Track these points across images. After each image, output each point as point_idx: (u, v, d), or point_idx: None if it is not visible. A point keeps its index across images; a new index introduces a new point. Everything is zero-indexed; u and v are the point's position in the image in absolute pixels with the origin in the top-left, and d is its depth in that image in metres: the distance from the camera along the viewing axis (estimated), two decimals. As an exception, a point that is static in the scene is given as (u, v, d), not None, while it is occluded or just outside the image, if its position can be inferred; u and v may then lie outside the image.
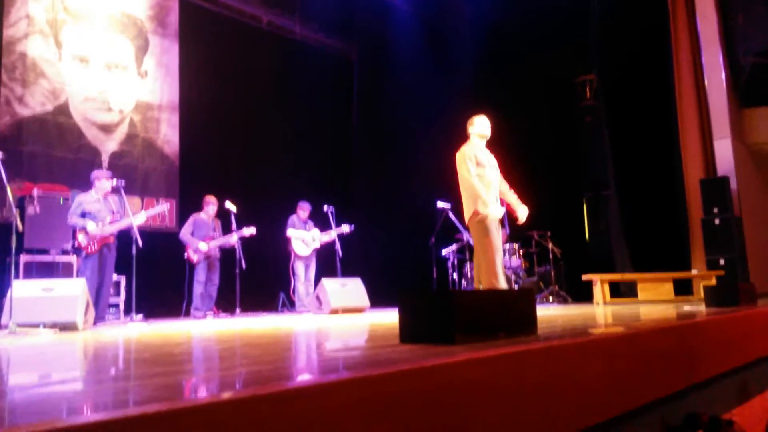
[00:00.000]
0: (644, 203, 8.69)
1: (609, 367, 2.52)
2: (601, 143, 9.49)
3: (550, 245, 8.93)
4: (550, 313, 5.73)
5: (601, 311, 5.82)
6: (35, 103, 7.29)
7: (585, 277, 8.20)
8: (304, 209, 8.31)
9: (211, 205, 7.59)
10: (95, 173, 6.38)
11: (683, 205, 8.45)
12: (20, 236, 5.53)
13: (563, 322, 4.20)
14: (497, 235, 4.91)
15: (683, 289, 7.96)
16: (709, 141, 8.41)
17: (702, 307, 5.16)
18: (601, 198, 10.27)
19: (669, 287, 7.83)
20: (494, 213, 4.93)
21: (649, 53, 8.90)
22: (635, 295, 8.01)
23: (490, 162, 5.12)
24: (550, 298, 8.68)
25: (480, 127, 5.12)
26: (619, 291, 8.58)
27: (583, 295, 8.64)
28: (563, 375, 2.27)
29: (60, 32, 7.63)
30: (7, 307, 4.83)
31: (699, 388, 2.95)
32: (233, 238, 7.48)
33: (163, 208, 7.14)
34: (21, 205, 6.33)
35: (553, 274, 8.94)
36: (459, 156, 5.06)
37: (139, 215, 6.35)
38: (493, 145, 5.34)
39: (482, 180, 4.96)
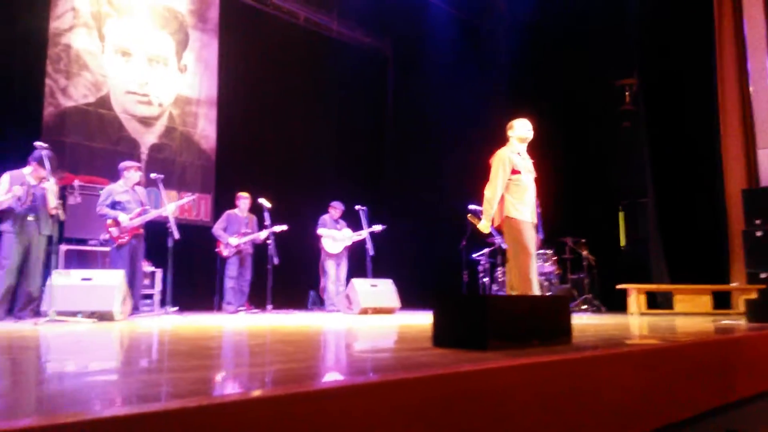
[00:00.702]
0: (683, 212, 8.48)
1: (644, 380, 2.47)
2: (640, 149, 9.30)
3: (585, 252, 8.78)
4: (583, 321, 5.64)
5: (636, 322, 5.71)
6: (78, 94, 7.46)
7: (620, 286, 8.05)
8: (336, 209, 8.34)
9: (243, 200, 7.67)
10: (124, 164, 6.44)
11: (723, 216, 8.22)
12: (61, 226, 5.67)
13: (596, 332, 4.13)
14: (531, 240, 4.83)
15: (722, 302, 7.76)
16: (752, 150, 8.17)
17: (742, 322, 5.03)
18: (638, 205, 10.06)
19: (707, 300, 7.64)
20: (527, 217, 4.85)
21: (691, 58, 8.68)
22: (671, 306, 7.83)
23: (527, 167, 5.04)
24: (583, 307, 8.54)
25: (519, 130, 5.00)
26: (655, 302, 8.39)
27: (617, 304, 8.48)
28: (597, 387, 2.23)
29: (103, 25, 7.79)
30: (48, 295, 4.96)
31: (738, 406, 2.87)
32: (263, 235, 7.54)
33: (190, 199, 7.27)
34: (62, 195, 6.48)
35: (586, 282, 8.78)
36: (495, 158, 4.97)
37: (169, 206, 6.41)
38: (528, 148, 5.27)
39: (517, 185, 4.87)
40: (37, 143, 5.29)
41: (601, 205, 10.35)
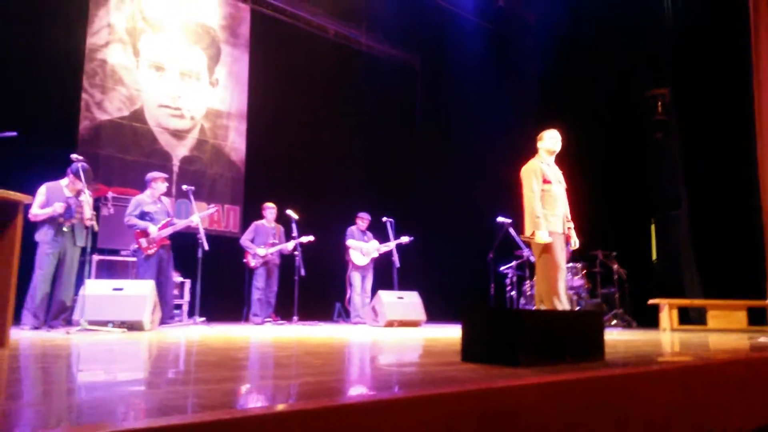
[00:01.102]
0: (717, 225, 8.29)
1: (677, 399, 2.41)
2: (672, 160, 9.14)
3: (615, 266, 8.62)
4: (613, 337, 5.54)
5: (668, 338, 5.59)
6: (113, 108, 7.62)
7: (651, 301, 7.90)
8: (363, 219, 8.35)
9: (269, 210, 7.72)
10: (151, 174, 6.52)
11: (760, 228, 8.01)
12: (94, 236, 5.78)
13: (627, 348, 4.05)
14: (561, 252, 4.72)
15: (757, 318, 7.55)
16: (790, 161, 7.97)
17: (780, 339, 4.88)
18: (671, 218, 9.87)
19: (742, 316, 7.45)
20: (558, 228, 4.75)
21: (726, 66, 8.51)
22: (705, 322, 7.65)
23: (558, 178, 4.97)
24: (614, 322, 8.38)
25: (549, 141, 4.92)
26: (688, 317, 8.21)
27: (649, 320, 8.31)
28: (630, 404, 2.19)
29: (138, 41, 7.97)
30: (80, 304, 5.05)
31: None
32: (290, 245, 7.56)
33: (212, 210, 7.41)
34: (96, 206, 6.60)
35: (617, 296, 8.62)
36: (524, 170, 4.91)
37: (193, 216, 6.47)
38: (558, 159, 5.21)
39: (548, 195, 4.79)
40: (74, 156, 5.41)
41: (632, 217, 10.18)
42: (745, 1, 8.32)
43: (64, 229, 5.42)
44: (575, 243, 5.00)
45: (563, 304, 4.59)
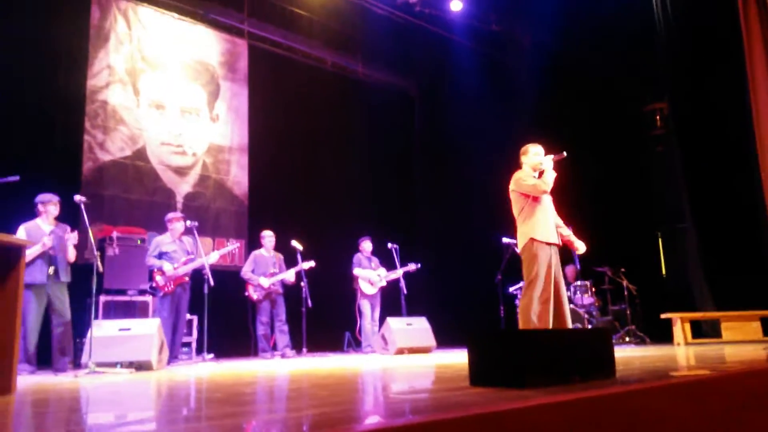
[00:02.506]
0: (724, 235, 8.23)
1: (694, 413, 2.37)
2: (674, 173, 9.13)
3: (625, 282, 8.55)
4: (627, 354, 5.47)
5: (683, 352, 5.52)
6: (115, 148, 7.70)
7: (664, 315, 7.82)
8: (367, 243, 8.30)
9: (267, 238, 7.66)
10: (169, 216, 6.64)
11: (767, 237, 7.97)
12: (100, 277, 5.78)
13: (642, 364, 4.00)
14: (548, 268, 4.44)
15: (773, 328, 7.46)
16: (792, 169, 7.95)
17: (795, 348, 4.81)
18: (677, 231, 9.83)
19: (756, 326, 7.37)
20: (550, 239, 4.53)
21: (722, 78, 8.55)
22: (719, 335, 7.56)
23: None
24: (627, 339, 8.28)
25: (535, 158, 4.77)
26: (701, 330, 8.11)
27: (662, 335, 8.21)
28: (644, 422, 2.15)
29: (138, 80, 8.07)
30: (87, 346, 5.03)
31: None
32: (290, 273, 7.48)
33: (234, 247, 7.35)
34: (101, 247, 6.63)
35: (628, 312, 8.53)
36: (515, 179, 4.73)
37: (212, 255, 6.56)
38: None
39: (538, 207, 4.60)
40: (77, 197, 5.42)
41: (639, 232, 10.15)
42: (738, 13, 8.40)
43: (50, 272, 5.37)
44: (581, 247, 4.86)
45: (537, 321, 4.28)
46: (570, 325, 4.51)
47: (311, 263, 7.58)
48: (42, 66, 7.14)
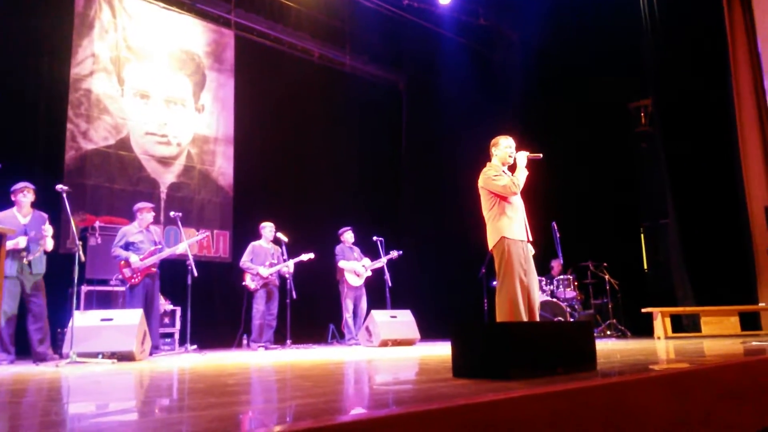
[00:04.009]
0: (705, 232, 8.35)
1: (674, 404, 2.40)
2: (658, 170, 9.22)
3: (607, 277, 8.65)
4: (608, 347, 5.53)
5: (663, 346, 5.59)
6: (98, 137, 7.61)
7: (645, 310, 7.91)
8: (348, 234, 8.28)
9: (267, 229, 7.65)
10: (139, 205, 6.49)
11: (748, 234, 8.08)
12: (82, 267, 5.71)
13: (623, 358, 4.04)
14: (521, 264, 4.39)
15: (750, 323, 7.59)
16: (773, 167, 8.07)
17: (773, 343, 4.89)
18: (660, 227, 9.95)
19: (735, 321, 7.48)
20: (520, 236, 4.47)
21: (706, 77, 8.65)
22: (698, 329, 7.68)
23: None
24: (608, 332, 8.38)
25: (506, 150, 4.64)
26: (681, 325, 8.23)
27: (643, 329, 8.32)
28: (625, 413, 2.18)
29: (122, 70, 7.98)
30: (69, 336, 4.98)
31: (774, 431, 2.76)
32: (291, 264, 7.48)
33: (203, 236, 7.32)
34: (83, 236, 6.56)
35: (610, 306, 8.63)
36: (485, 175, 4.62)
37: (179, 245, 6.45)
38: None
39: (509, 204, 4.51)
40: (59, 186, 5.34)
41: (622, 227, 10.25)
42: (722, 13, 8.49)
43: (25, 261, 5.29)
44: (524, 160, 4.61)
45: (521, 312, 4.27)
46: (537, 319, 4.50)
47: (311, 255, 7.59)
48: (25, 53, 7.04)
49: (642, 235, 10.53)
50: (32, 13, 7.13)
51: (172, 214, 6.51)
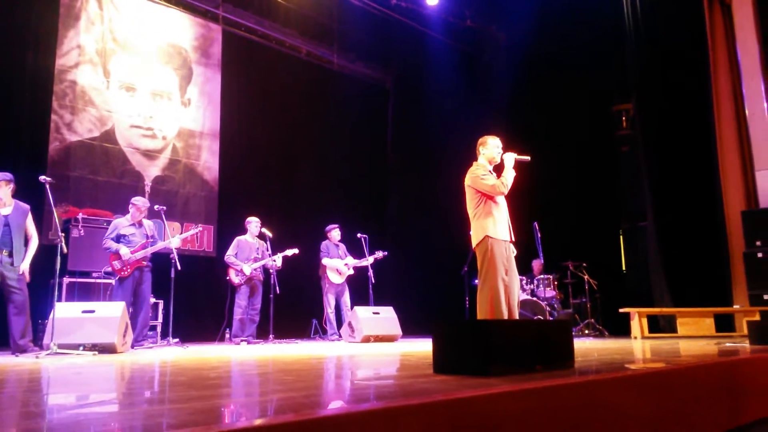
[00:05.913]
0: (683, 235, 8.48)
1: (648, 403, 2.46)
2: (639, 173, 9.35)
3: (586, 277, 8.77)
4: (586, 346, 5.61)
5: (639, 346, 5.68)
6: (83, 129, 7.55)
7: (622, 310, 8.02)
8: (335, 231, 8.29)
9: (252, 224, 7.64)
10: (134, 199, 6.49)
11: (724, 238, 8.22)
12: (64, 258, 5.67)
13: (600, 356, 4.11)
14: (503, 264, 4.44)
15: (725, 325, 7.72)
16: (750, 172, 8.20)
17: (745, 344, 4.99)
18: (639, 229, 10.08)
19: (710, 322, 7.61)
20: (503, 236, 4.51)
21: (687, 82, 8.77)
22: (674, 329, 7.80)
23: None
24: (586, 331, 8.50)
25: (493, 150, 4.69)
26: (658, 325, 8.36)
27: (620, 328, 8.44)
28: (602, 411, 2.23)
29: (108, 62, 7.92)
30: (50, 328, 4.96)
31: (745, 430, 2.84)
32: (278, 259, 7.47)
33: (197, 230, 7.26)
34: (66, 228, 6.51)
35: (588, 306, 8.76)
36: (471, 174, 4.66)
37: (173, 239, 6.46)
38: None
39: (493, 204, 4.55)
40: (42, 177, 5.31)
41: (602, 229, 10.37)
42: (703, 19, 8.62)
43: (4, 253, 5.26)
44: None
45: (501, 310, 4.31)
46: (517, 318, 4.55)
47: (295, 250, 7.61)
48: (9, 44, 6.98)
49: (621, 237, 10.67)
50: (17, 3, 7.06)
51: (156, 207, 6.50)
